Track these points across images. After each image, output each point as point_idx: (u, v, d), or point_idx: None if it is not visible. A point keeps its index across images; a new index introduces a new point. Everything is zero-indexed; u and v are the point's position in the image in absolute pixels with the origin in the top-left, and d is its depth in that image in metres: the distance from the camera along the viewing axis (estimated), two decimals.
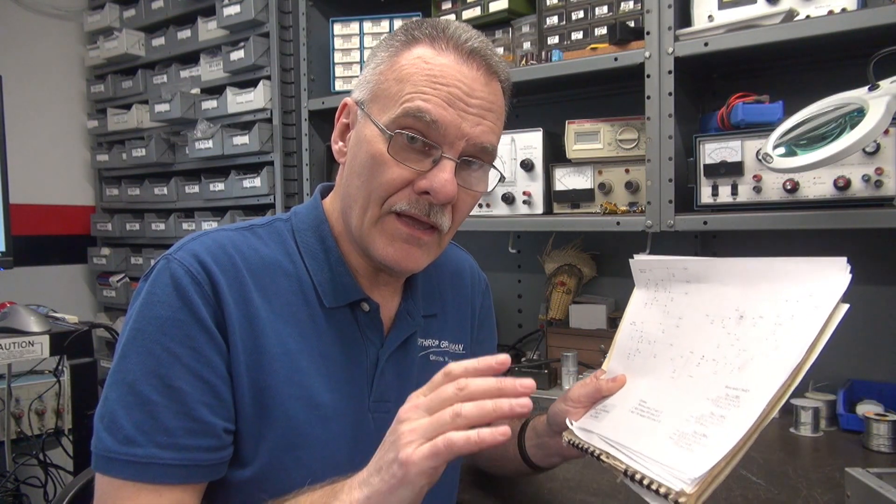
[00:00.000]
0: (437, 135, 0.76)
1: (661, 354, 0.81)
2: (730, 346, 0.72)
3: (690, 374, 0.75)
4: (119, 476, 0.69)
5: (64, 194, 2.83)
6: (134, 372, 0.71)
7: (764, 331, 0.70)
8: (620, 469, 0.70)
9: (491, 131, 0.79)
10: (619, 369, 0.86)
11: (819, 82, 1.35)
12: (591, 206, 1.61)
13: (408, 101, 0.75)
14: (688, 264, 0.81)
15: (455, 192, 0.77)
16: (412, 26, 0.81)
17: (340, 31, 2.02)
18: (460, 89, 0.76)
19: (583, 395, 0.86)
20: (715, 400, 0.69)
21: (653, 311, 0.85)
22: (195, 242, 0.77)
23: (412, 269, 0.83)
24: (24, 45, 2.70)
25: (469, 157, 0.79)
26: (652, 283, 0.87)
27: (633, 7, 1.57)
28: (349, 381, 0.82)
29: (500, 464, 1.02)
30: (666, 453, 0.67)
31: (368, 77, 0.82)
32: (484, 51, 0.78)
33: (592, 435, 0.79)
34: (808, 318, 0.66)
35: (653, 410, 0.75)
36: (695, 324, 0.78)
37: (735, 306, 0.75)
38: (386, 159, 0.76)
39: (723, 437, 0.64)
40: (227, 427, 0.74)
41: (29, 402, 2.05)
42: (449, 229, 0.82)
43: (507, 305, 2.07)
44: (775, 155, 1.09)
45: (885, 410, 1.29)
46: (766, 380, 0.65)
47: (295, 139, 2.16)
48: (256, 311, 0.77)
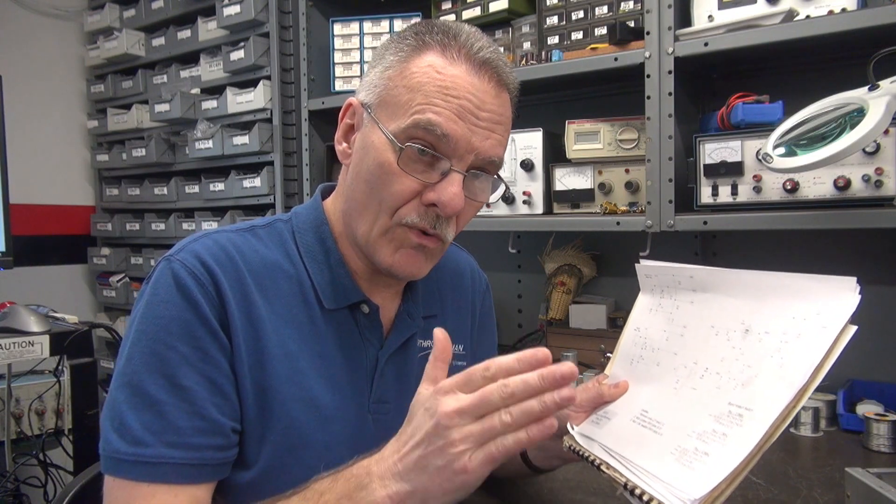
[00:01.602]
0: (446, 148, 0.75)
1: (665, 363, 0.80)
2: (734, 361, 0.71)
3: (693, 387, 0.74)
4: (129, 477, 0.69)
5: (64, 194, 2.83)
6: (140, 373, 0.71)
7: (769, 347, 0.69)
8: (620, 482, 0.69)
9: (499, 144, 0.79)
10: (621, 375, 0.86)
11: (819, 82, 1.35)
12: (591, 206, 1.61)
13: (418, 113, 0.75)
14: (694, 273, 0.80)
15: (462, 206, 0.77)
16: (422, 30, 0.79)
17: (340, 31, 2.02)
18: (471, 102, 0.75)
19: (585, 400, 0.86)
20: (717, 416, 0.68)
21: (657, 317, 0.84)
22: (196, 243, 0.77)
23: (416, 276, 0.83)
24: (24, 45, 2.70)
25: (476, 170, 0.79)
26: (657, 289, 0.86)
27: (633, 7, 1.57)
28: (349, 383, 0.82)
29: (500, 465, 1.02)
30: (666, 469, 0.66)
31: (376, 80, 0.80)
32: (495, 62, 0.78)
33: (593, 443, 0.78)
34: (814, 337, 0.65)
35: (654, 422, 0.74)
36: (700, 334, 0.77)
37: (741, 319, 0.73)
38: (394, 170, 0.76)
39: (724, 457, 0.63)
40: (233, 426, 0.74)
41: (29, 402, 2.05)
42: (451, 238, 0.83)
43: (507, 305, 2.07)
44: (775, 155, 1.09)
45: (885, 410, 1.29)
46: (770, 400, 0.64)
47: (295, 139, 2.16)
48: (258, 312, 0.77)
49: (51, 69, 2.78)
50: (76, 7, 2.83)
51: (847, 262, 1.52)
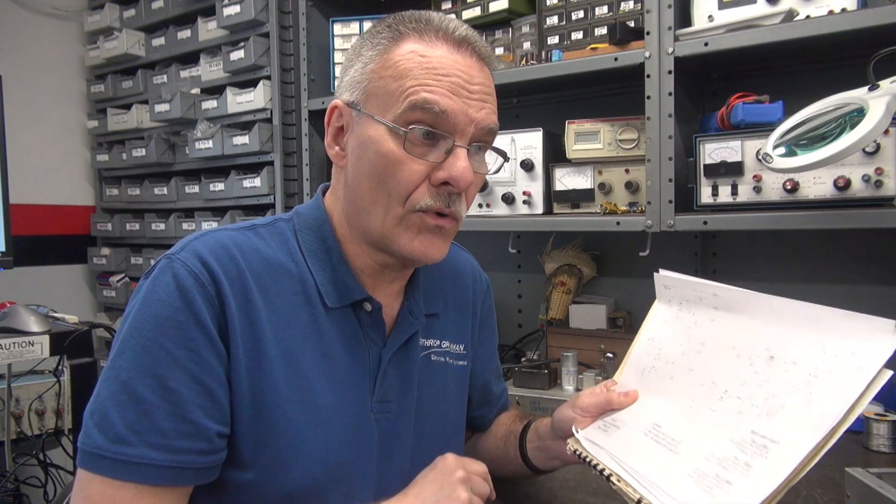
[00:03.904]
0: (447, 124, 0.76)
1: (680, 378, 0.78)
2: (757, 387, 0.69)
3: (712, 408, 0.72)
4: (107, 475, 0.68)
5: (64, 194, 2.83)
6: (129, 370, 0.70)
7: (797, 379, 0.67)
8: (633, 497, 0.68)
9: (493, 112, 0.81)
10: (631, 384, 0.84)
11: (819, 82, 1.35)
12: (591, 206, 1.61)
13: (413, 94, 0.75)
14: (718, 291, 0.78)
15: (472, 178, 0.78)
16: (394, 22, 0.81)
17: (340, 31, 2.02)
18: (461, 77, 0.77)
19: (592, 405, 0.86)
20: (739, 444, 0.66)
21: (674, 330, 0.82)
22: (198, 242, 0.77)
23: (436, 259, 0.83)
24: (24, 45, 2.70)
25: (477, 143, 0.80)
26: (675, 301, 0.84)
27: (633, 7, 1.57)
28: (351, 382, 0.82)
29: (500, 465, 1.02)
30: (684, 492, 0.65)
31: (357, 77, 0.81)
32: (472, 38, 0.80)
33: (601, 450, 0.77)
34: (848, 377, 0.63)
35: (669, 439, 0.73)
36: (719, 354, 0.75)
37: (766, 345, 0.71)
38: (400, 157, 0.76)
39: (749, 490, 0.61)
40: (220, 431, 0.73)
41: (29, 402, 2.04)
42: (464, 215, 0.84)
43: (507, 305, 2.07)
44: (775, 155, 1.09)
45: (885, 410, 1.29)
46: (799, 436, 0.62)
47: (295, 139, 2.16)
48: (258, 313, 0.76)
49: (51, 69, 2.78)
50: (76, 7, 2.83)
51: (847, 262, 1.52)
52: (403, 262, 0.83)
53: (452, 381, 0.96)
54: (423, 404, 0.90)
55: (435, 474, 0.78)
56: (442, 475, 0.77)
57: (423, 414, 0.89)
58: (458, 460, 0.79)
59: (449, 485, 0.76)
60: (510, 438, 1.02)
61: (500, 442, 1.04)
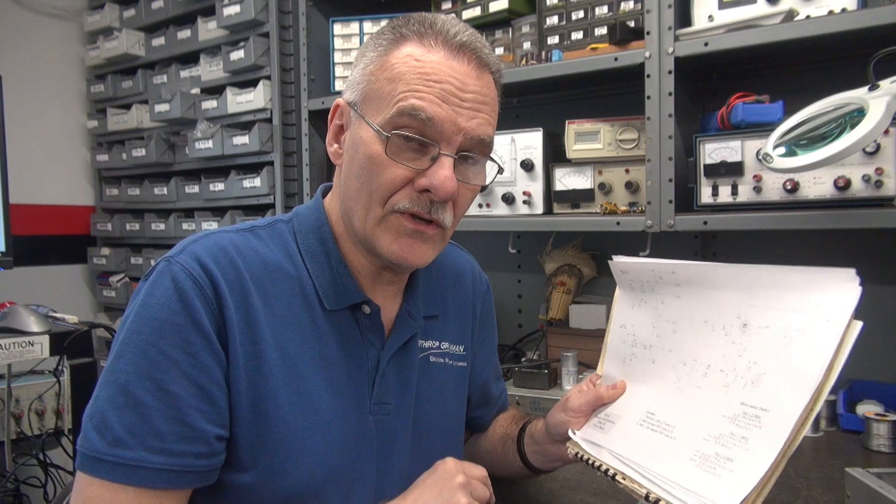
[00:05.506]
0: (433, 132, 0.75)
1: (661, 360, 0.78)
2: (738, 357, 0.70)
3: (698, 385, 0.72)
4: (105, 477, 0.68)
5: (64, 194, 2.83)
6: (127, 373, 0.70)
7: (773, 343, 0.67)
8: (641, 493, 0.68)
9: (487, 123, 0.79)
10: (615, 374, 0.84)
11: (819, 82, 1.34)
12: (591, 206, 1.61)
13: (402, 101, 0.75)
14: (676, 268, 0.79)
15: (455, 189, 0.77)
16: (399, 24, 0.80)
17: (340, 31, 2.02)
18: (453, 85, 0.76)
19: (583, 404, 0.86)
20: (732, 418, 0.66)
21: (642, 313, 0.82)
22: (197, 245, 0.77)
23: (419, 264, 0.82)
24: (24, 45, 2.70)
25: (466, 152, 0.79)
26: (637, 284, 0.84)
27: (633, 7, 1.57)
28: (350, 384, 0.82)
29: (499, 466, 1.02)
30: (689, 477, 0.65)
31: (359, 78, 0.81)
32: (474, 44, 0.78)
33: (602, 450, 0.77)
34: (820, 333, 0.63)
35: (664, 425, 0.73)
36: (693, 329, 0.76)
37: (737, 313, 0.72)
38: (384, 160, 0.76)
39: (751, 464, 0.62)
40: (219, 434, 0.73)
41: (29, 402, 2.05)
42: (451, 224, 0.82)
43: (507, 305, 2.07)
44: (775, 155, 1.09)
45: (885, 410, 1.29)
46: (787, 402, 0.63)
47: (295, 139, 2.16)
48: (256, 316, 0.76)
49: (51, 69, 2.78)
50: (76, 7, 2.83)
51: (847, 262, 1.51)
52: (387, 265, 0.83)
53: (452, 382, 0.96)
54: (422, 405, 0.90)
55: (434, 479, 0.78)
56: (442, 480, 0.77)
57: (422, 415, 0.89)
58: (458, 465, 0.79)
59: (449, 490, 0.75)
60: (507, 442, 1.02)
61: (499, 444, 1.04)
